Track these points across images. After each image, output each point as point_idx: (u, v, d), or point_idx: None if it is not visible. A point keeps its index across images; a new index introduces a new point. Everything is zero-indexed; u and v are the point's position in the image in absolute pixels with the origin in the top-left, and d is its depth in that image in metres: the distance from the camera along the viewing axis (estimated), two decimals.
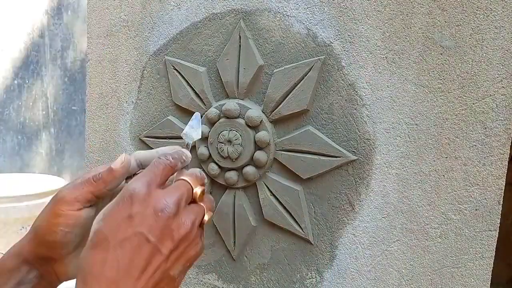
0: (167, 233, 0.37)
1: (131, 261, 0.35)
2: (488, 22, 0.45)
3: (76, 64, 3.31)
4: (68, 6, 3.22)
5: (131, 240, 0.36)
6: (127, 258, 0.35)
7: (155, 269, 0.36)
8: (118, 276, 0.35)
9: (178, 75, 0.60)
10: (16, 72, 2.97)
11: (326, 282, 0.55)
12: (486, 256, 0.47)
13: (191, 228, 0.39)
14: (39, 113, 3.12)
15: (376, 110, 0.50)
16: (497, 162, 0.46)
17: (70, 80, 3.30)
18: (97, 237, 0.37)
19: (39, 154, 3.16)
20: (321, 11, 0.52)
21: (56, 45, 3.17)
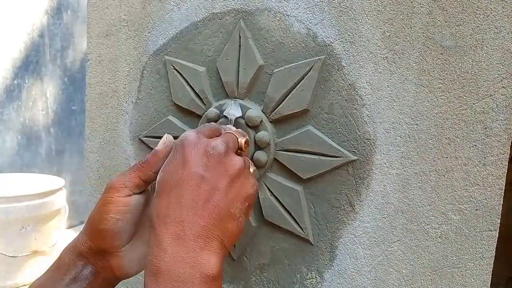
0: (221, 169, 0.39)
1: (191, 199, 0.38)
2: (488, 22, 0.45)
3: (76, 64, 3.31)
4: (68, 6, 3.22)
5: (188, 180, 0.38)
6: (187, 197, 0.38)
7: (214, 205, 0.38)
8: (181, 214, 0.37)
9: (178, 75, 0.60)
10: (16, 72, 2.97)
11: (326, 283, 0.54)
12: (486, 256, 0.47)
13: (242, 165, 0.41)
14: (39, 113, 3.12)
15: (376, 110, 0.50)
16: (497, 162, 0.46)
17: (70, 80, 3.30)
18: (159, 186, 0.40)
19: (39, 154, 3.16)
20: (321, 11, 0.52)
21: (56, 45, 3.17)
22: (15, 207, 1.96)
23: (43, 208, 2.04)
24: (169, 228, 0.37)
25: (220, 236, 0.38)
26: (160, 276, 0.35)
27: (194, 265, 0.36)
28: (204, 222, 0.37)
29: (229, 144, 0.42)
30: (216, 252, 0.37)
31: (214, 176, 0.39)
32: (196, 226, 0.37)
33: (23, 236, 2.03)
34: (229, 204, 0.39)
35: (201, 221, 0.37)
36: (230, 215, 0.39)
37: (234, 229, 0.39)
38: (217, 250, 0.37)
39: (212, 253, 0.37)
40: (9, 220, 1.96)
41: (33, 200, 2.01)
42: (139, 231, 0.46)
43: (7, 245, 1.99)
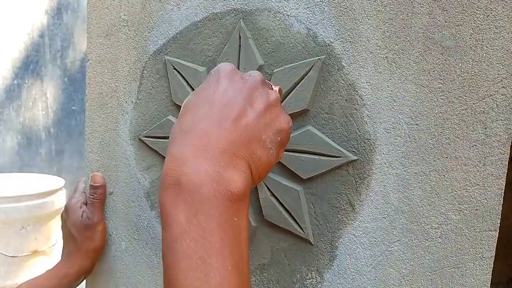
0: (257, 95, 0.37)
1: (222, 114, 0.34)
2: (488, 22, 0.45)
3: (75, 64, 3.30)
4: (68, 6, 3.22)
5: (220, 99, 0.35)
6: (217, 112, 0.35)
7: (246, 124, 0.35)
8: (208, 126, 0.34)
9: (178, 75, 0.60)
10: (16, 72, 2.97)
11: (326, 283, 0.54)
12: (486, 256, 0.47)
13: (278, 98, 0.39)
14: (39, 113, 3.12)
15: (376, 110, 0.50)
16: (497, 162, 0.46)
17: (70, 80, 3.29)
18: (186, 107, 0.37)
19: (39, 154, 3.16)
20: (321, 11, 0.52)
21: (56, 45, 3.17)
22: (15, 207, 1.95)
23: (43, 208, 2.04)
24: (192, 140, 0.33)
25: (248, 158, 0.34)
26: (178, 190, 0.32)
27: (217, 179, 0.32)
28: (233, 137, 0.34)
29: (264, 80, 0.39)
30: (243, 171, 0.34)
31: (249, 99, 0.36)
32: (222, 139, 0.33)
33: (23, 236, 2.02)
34: (260, 129, 0.36)
35: (228, 135, 0.34)
36: (260, 140, 0.35)
37: (263, 157, 0.35)
38: (244, 169, 0.34)
39: (238, 171, 0.33)
40: (9, 220, 1.96)
41: (33, 200, 2.01)
42: None
43: (7, 245, 1.98)
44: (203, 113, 0.35)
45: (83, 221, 0.65)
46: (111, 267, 0.69)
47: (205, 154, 0.33)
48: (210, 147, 0.33)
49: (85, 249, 0.65)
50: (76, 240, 0.65)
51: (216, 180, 0.32)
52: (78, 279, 0.67)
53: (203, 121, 0.34)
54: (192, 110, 0.36)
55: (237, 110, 0.35)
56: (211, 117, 0.34)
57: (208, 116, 0.35)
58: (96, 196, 0.66)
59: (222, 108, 0.35)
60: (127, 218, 0.67)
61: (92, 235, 0.65)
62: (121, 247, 0.68)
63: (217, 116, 0.34)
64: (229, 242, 0.31)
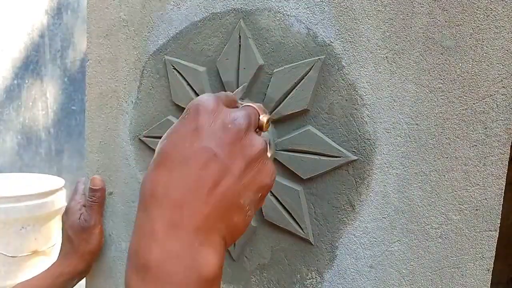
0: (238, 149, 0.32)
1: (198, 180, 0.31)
2: (488, 22, 0.45)
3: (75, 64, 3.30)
4: (68, 6, 3.22)
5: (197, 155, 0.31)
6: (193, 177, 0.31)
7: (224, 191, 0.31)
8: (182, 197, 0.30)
9: (178, 75, 0.60)
10: (16, 72, 2.96)
11: (326, 283, 0.54)
12: (486, 256, 0.47)
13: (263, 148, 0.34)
14: (39, 113, 3.12)
15: (376, 110, 0.50)
16: (497, 162, 0.46)
17: (70, 80, 3.29)
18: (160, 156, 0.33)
19: (39, 154, 3.16)
20: (321, 11, 0.51)
21: (56, 45, 3.17)
22: (15, 207, 1.95)
23: (43, 208, 2.04)
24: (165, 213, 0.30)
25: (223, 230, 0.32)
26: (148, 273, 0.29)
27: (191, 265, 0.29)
28: (208, 210, 0.31)
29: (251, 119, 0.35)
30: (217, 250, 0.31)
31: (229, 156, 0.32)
32: (197, 214, 0.30)
33: (23, 236, 2.02)
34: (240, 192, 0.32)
35: (204, 209, 0.30)
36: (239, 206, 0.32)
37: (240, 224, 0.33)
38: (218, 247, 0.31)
39: (213, 250, 0.30)
40: (9, 220, 1.96)
41: (33, 200, 2.01)
42: None
43: (7, 245, 1.98)
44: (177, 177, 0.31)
45: (80, 224, 0.65)
46: (111, 267, 0.69)
47: (178, 233, 0.30)
48: (183, 225, 0.30)
49: (81, 252, 0.66)
50: (72, 242, 0.66)
51: (189, 267, 0.29)
52: (73, 279, 0.67)
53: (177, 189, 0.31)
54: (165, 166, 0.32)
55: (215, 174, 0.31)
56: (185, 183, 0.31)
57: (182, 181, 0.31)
58: (94, 199, 0.66)
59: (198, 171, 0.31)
60: (127, 218, 0.67)
61: (89, 237, 0.66)
62: (121, 247, 0.68)
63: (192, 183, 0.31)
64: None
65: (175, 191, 0.31)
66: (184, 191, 0.31)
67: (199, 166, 0.31)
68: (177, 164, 0.32)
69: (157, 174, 0.32)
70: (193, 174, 0.31)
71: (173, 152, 0.32)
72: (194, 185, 0.31)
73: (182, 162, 0.31)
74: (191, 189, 0.31)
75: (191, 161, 0.31)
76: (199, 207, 0.30)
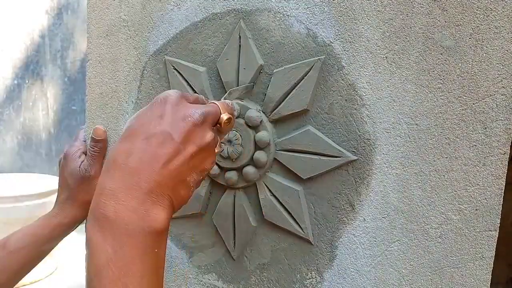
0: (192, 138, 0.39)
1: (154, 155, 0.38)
2: (488, 22, 0.45)
3: (76, 64, 3.31)
4: (68, 6, 3.22)
5: (157, 136, 0.38)
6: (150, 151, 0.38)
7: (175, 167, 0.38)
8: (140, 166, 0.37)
9: (178, 75, 0.60)
10: (16, 72, 2.97)
11: (326, 282, 0.54)
12: (486, 256, 0.47)
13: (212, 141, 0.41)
14: (39, 113, 3.12)
15: (376, 110, 0.50)
16: (497, 162, 0.46)
17: (70, 80, 3.30)
18: (127, 132, 0.40)
19: (39, 154, 3.16)
20: (321, 11, 0.52)
21: (56, 45, 3.17)
22: (15, 207, 1.96)
23: (43, 208, 2.04)
24: (125, 177, 0.37)
25: (171, 196, 0.38)
26: (106, 223, 0.35)
27: (143, 218, 0.36)
28: (160, 179, 0.37)
29: (208, 116, 0.42)
30: (166, 209, 0.38)
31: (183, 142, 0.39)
32: (151, 181, 0.37)
33: None
34: (187, 172, 0.39)
35: (157, 177, 0.37)
36: (185, 182, 0.39)
37: (185, 196, 0.40)
38: (167, 207, 0.38)
39: (162, 208, 0.37)
40: (9, 220, 1.96)
41: (33, 200, 2.01)
42: None
43: None
44: (138, 150, 0.38)
45: (80, 173, 0.64)
46: None
47: (135, 192, 0.36)
48: (139, 188, 0.36)
49: (80, 201, 0.65)
50: (71, 191, 0.65)
51: (142, 218, 0.36)
52: (72, 228, 0.67)
53: (136, 160, 0.37)
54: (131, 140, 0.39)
55: (170, 152, 0.38)
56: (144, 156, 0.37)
57: (142, 154, 0.38)
58: (96, 150, 0.65)
59: (156, 147, 0.38)
60: None
61: (88, 187, 0.65)
62: None
63: (150, 156, 0.37)
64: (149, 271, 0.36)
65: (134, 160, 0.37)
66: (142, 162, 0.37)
67: (158, 144, 0.38)
68: (140, 139, 0.38)
69: (122, 145, 0.39)
70: (153, 149, 0.38)
71: (138, 129, 0.39)
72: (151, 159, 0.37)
73: (144, 139, 0.38)
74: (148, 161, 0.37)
75: (152, 139, 0.38)
76: (153, 176, 0.37)
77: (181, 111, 0.40)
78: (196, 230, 0.62)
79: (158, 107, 0.40)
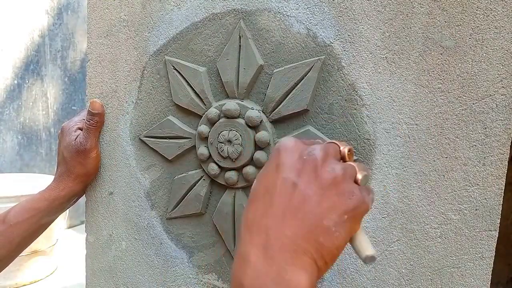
0: (314, 176, 0.35)
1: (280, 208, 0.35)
2: (488, 22, 0.45)
3: (76, 64, 3.31)
4: (68, 6, 3.22)
5: (279, 186, 0.35)
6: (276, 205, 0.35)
7: (304, 215, 0.34)
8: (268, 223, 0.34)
9: (178, 75, 0.60)
10: (16, 72, 2.97)
11: (326, 282, 0.55)
12: (486, 256, 0.47)
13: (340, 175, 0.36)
14: (39, 113, 3.12)
15: (376, 110, 0.50)
16: (497, 162, 0.46)
17: (70, 80, 3.30)
18: (251, 194, 0.38)
19: (39, 154, 3.16)
20: (321, 11, 0.52)
21: (56, 45, 3.17)
22: None
23: None
24: (254, 238, 0.34)
25: (311, 251, 0.33)
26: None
27: (279, 282, 0.32)
28: (291, 231, 0.33)
29: (329, 150, 0.38)
30: (305, 269, 0.33)
31: (307, 182, 0.35)
32: (282, 236, 0.33)
33: None
34: (321, 215, 0.34)
35: (287, 231, 0.33)
36: (322, 227, 0.34)
37: (329, 245, 0.34)
38: (307, 267, 0.33)
39: (301, 271, 0.32)
40: None
41: None
42: None
43: None
44: (262, 207, 0.35)
45: (75, 146, 0.64)
46: (111, 267, 0.69)
47: (265, 254, 0.33)
48: (270, 246, 0.33)
49: (76, 174, 0.65)
50: (67, 164, 0.65)
51: (277, 283, 0.32)
52: (69, 201, 0.68)
53: (263, 216, 0.35)
54: (254, 203, 0.37)
55: (296, 200, 0.35)
56: (270, 211, 0.35)
57: (267, 210, 0.35)
58: (92, 123, 0.65)
59: (280, 200, 0.35)
60: (127, 218, 0.67)
61: (84, 161, 0.65)
62: (121, 247, 0.68)
63: (275, 210, 0.35)
64: None
65: (262, 218, 0.35)
66: (269, 217, 0.35)
67: (282, 195, 0.35)
68: (261, 196, 0.36)
69: (247, 208, 0.37)
70: (276, 203, 0.35)
71: (258, 187, 0.37)
72: (278, 212, 0.34)
73: (267, 193, 0.36)
74: (275, 215, 0.34)
75: (272, 191, 0.36)
76: (282, 230, 0.34)
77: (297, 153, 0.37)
78: (196, 230, 0.62)
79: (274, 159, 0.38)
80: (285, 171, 0.36)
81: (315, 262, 0.33)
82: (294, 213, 0.34)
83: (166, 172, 0.63)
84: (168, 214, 0.63)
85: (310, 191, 0.35)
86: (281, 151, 0.38)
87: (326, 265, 0.34)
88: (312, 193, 0.35)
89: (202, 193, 0.59)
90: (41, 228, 0.67)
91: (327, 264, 0.34)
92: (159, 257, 0.65)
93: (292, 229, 0.34)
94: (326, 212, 0.34)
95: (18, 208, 0.66)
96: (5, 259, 0.65)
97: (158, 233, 0.64)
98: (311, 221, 0.34)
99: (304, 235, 0.33)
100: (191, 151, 0.60)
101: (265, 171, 0.38)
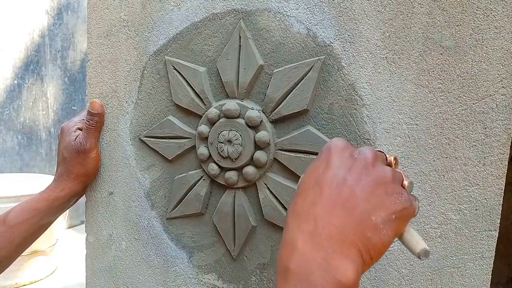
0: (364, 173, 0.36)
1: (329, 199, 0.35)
2: (488, 22, 0.45)
3: (76, 64, 3.31)
4: (68, 6, 3.22)
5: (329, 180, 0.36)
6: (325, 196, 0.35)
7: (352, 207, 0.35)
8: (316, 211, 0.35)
9: (178, 75, 0.60)
10: (16, 72, 2.97)
11: None
12: (486, 256, 0.47)
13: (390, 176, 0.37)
14: (39, 113, 3.12)
15: (376, 110, 0.50)
16: (497, 162, 0.46)
17: (70, 80, 3.30)
18: (299, 186, 0.39)
19: (39, 154, 3.16)
20: (321, 11, 0.52)
21: (56, 45, 3.17)
22: None
23: None
24: (302, 225, 0.35)
25: (358, 243, 0.34)
26: (289, 275, 0.33)
27: (325, 267, 0.32)
28: (339, 222, 0.34)
29: (377, 153, 0.39)
30: (351, 260, 0.33)
31: (356, 179, 0.36)
32: (330, 225, 0.34)
33: None
34: (369, 211, 0.35)
35: (336, 221, 0.34)
36: (370, 223, 0.34)
37: (375, 240, 0.34)
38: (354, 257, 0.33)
39: (348, 259, 0.33)
40: None
41: None
42: None
43: None
44: (312, 197, 0.36)
45: (75, 146, 0.65)
46: (111, 267, 0.69)
47: (313, 241, 0.34)
48: (317, 234, 0.34)
49: (76, 174, 0.65)
50: (67, 164, 0.65)
51: (324, 269, 0.32)
52: (69, 201, 0.68)
53: (311, 206, 0.35)
54: (303, 193, 0.37)
55: (345, 193, 0.35)
56: (319, 201, 0.35)
57: (316, 200, 0.35)
58: (91, 123, 0.65)
59: (329, 191, 0.36)
60: (127, 218, 0.67)
61: (84, 161, 0.65)
62: (121, 247, 0.68)
63: (324, 201, 0.35)
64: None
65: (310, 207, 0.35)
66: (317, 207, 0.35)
67: (331, 188, 0.36)
68: (311, 187, 0.37)
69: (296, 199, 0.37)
70: (325, 194, 0.36)
71: (308, 180, 0.38)
72: (327, 203, 0.35)
73: (316, 186, 0.36)
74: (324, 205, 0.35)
75: (322, 183, 0.36)
76: (331, 220, 0.34)
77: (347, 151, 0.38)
78: (196, 230, 0.62)
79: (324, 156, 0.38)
80: (336, 166, 0.37)
81: (361, 255, 0.34)
82: (343, 205, 0.35)
83: (166, 172, 0.63)
84: (168, 214, 0.63)
85: (359, 187, 0.36)
86: (332, 149, 0.38)
87: (371, 260, 0.35)
88: (361, 189, 0.35)
89: (202, 193, 0.59)
90: (41, 228, 0.67)
91: (372, 260, 0.35)
92: (159, 257, 0.65)
93: (341, 220, 0.34)
94: (375, 208, 0.35)
95: (18, 209, 0.66)
96: (6, 260, 0.65)
97: (158, 233, 0.64)
98: (360, 215, 0.34)
99: (352, 228, 0.34)
100: (191, 151, 0.60)
101: (315, 166, 0.38)
